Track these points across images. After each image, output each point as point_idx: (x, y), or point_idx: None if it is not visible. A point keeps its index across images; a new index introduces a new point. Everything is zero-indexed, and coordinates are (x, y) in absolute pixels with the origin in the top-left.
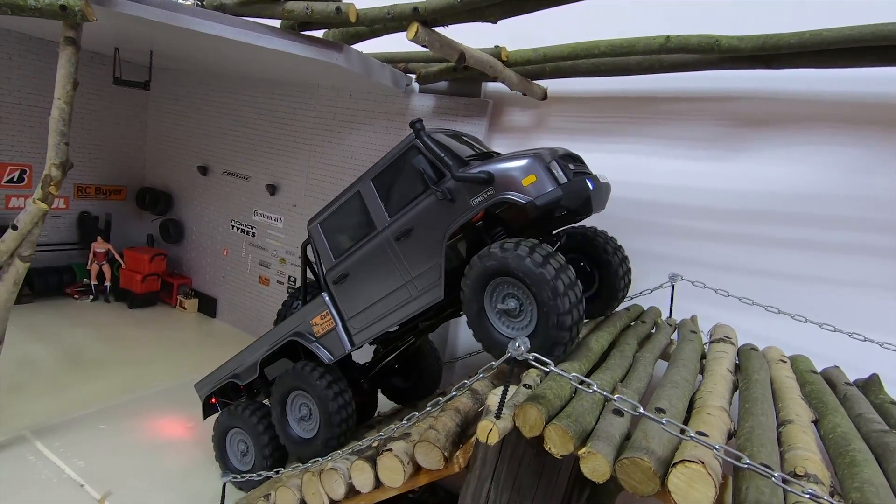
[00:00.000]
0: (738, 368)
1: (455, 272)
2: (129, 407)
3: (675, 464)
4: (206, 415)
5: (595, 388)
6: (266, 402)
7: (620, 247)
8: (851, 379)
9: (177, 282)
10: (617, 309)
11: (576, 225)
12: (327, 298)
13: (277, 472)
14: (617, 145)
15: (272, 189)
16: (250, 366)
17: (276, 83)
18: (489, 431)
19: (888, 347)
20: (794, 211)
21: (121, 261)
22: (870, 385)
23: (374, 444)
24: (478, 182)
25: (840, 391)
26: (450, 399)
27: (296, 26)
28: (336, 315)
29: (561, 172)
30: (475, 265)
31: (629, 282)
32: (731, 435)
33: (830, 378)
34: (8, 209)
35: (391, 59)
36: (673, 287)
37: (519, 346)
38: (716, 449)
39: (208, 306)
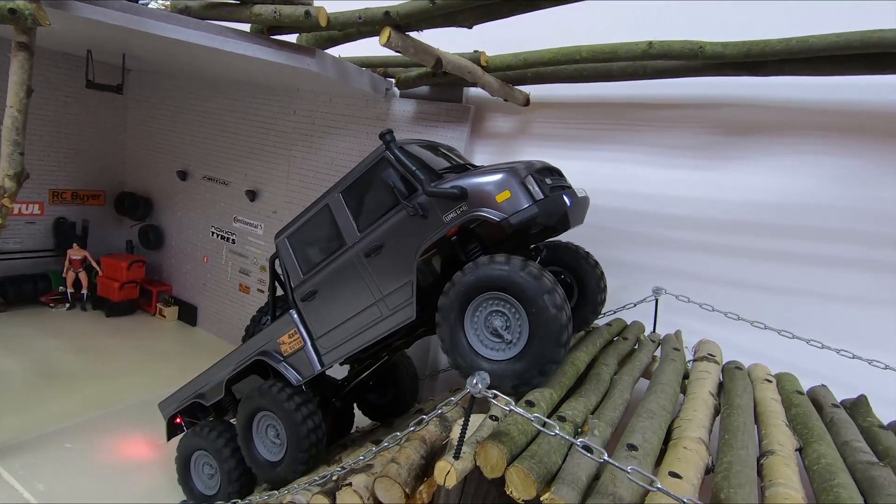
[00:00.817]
0: (721, 389)
1: (429, 289)
2: (100, 423)
3: None
4: (170, 435)
5: (557, 432)
6: (234, 421)
7: (597, 262)
8: (840, 398)
9: (156, 289)
10: (597, 323)
11: (554, 238)
12: (295, 316)
13: None
14: (601, 153)
15: (252, 195)
16: (216, 385)
17: (255, 87)
18: (447, 473)
19: (876, 365)
20: (781, 222)
21: (98, 268)
22: (858, 407)
23: (335, 478)
24: (450, 197)
25: (826, 414)
26: (409, 432)
27: (265, 30)
28: (305, 334)
29: (537, 188)
30: (456, 282)
31: (605, 298)
32: (708, 470)
33: (817, 399)
34: None
35: (369, 64)
36: (657, 301)
37: (476, 384)
38: (684, 502)
39: (189, 314)
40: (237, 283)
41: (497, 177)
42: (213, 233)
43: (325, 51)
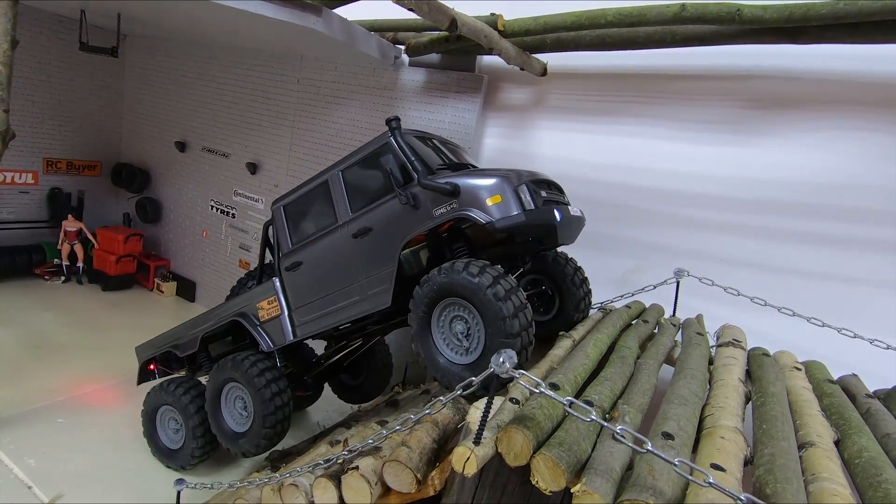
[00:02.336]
0: (748, 376)
1: (411, 280)
2: (93, 398)
3: None
4: (140, 380)
5: (593, 417)
6: (203, 379)
7: (580, 268)
8: (871, 388)
9: (154, 264)
10: (614, 304)
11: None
12: (278, 284)
13: (232, 486)
14: (622, 127)
15: (253, 168)
16: (192, 338)
17: (257, 53)
18: (466, 460)
19: None
20: (814, 202)
21: (94, 241)
22: (892, 397)
23: (340, 461)
24: (443, 192)
25: (861, 405)
26: (424, 414)
27: None
28: (283, 303)
29: (529, 198)
30: (422, 286)
31: (589, 303)
32: (747, 462)
33: (849, 388)
34: None
35: (378, 28)
36: (678, 283)
37: (503, 362)
38: (740, 500)
39: (187, 290)
40: (237, 259)
41: (491, 180)
42: (212, 206)
43: (333, 10)
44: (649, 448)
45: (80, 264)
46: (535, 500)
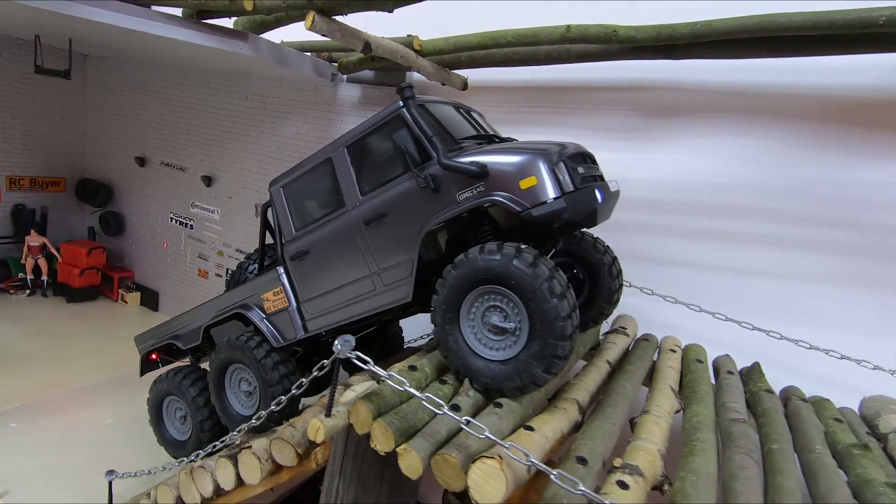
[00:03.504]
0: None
1: (430, 266)
2: (48, 404)
3: (475, 459)
4: (143, 371)
5: (407, 388)
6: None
7: (617, 258)
8: (765, 368)
9: (118, 275)
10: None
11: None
12: (283, 274)
13: (151, 473)
14: (538, 135)
15: (208, 181)
16: (194, 330)
17: (208, 72)
18: (317, 430)
19: (773, 336)
20: (700, 200)
21: (57, 255)
22: (751, 373)
23: (238, 442)
24: (468, 174)
25: (721, 380)
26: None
27: (195, 15)
28: (291, 295)
29: (568, 178)
30: (448, 275)
31: (621, 284)
32: (578, 427)
33: (718, 367)
34: None
35: (311, 49)
36: None
37: (338, 346)
38: (506, 447)
39: (150, 300)
40: (196, 269)
41: (524, 157)
42: (171, 218)
43: (262, 35)
44: (445, 411)
45: (44, 277)
46: (391, 464)
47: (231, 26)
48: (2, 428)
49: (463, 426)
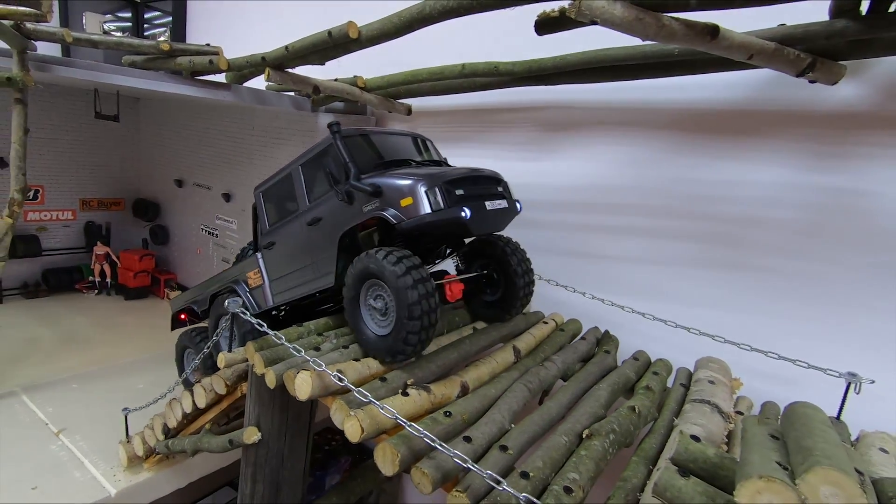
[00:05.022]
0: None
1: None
2: (101, 373)
3: (301, 371)
4: (173, 327)
5: (283, 342)
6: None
7: (526, 259)
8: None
9: (163, 277)
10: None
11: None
12: (260, 259)
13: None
14: (470, 150)
15: (227, 197)
16: (204, 298)
17: (224, 108)
18: (222, 361)
19: (694, 332)
20: (589, 200)
21: (117, 261)
22: (604, 339)
23: (197, 378)
24: (366, 193)
25: (573, 343)
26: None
27: (188, 74)
28: (265, 274)
29: (440, 199)
30: (350, 269)
31: (530, 292)
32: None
33: (576, 333)
34: (26, 222)
35: (287, 89)
36: None
37: (228, 304)
38: (322, 367)
39: None
40: (220, 270)
41: (407, 182)
42: (202, 229)
43: (245, 84)
44: (303, 355)
45: (108, 280)
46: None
47: (224, 80)
48: (66, 387)
49: (305, 358)
